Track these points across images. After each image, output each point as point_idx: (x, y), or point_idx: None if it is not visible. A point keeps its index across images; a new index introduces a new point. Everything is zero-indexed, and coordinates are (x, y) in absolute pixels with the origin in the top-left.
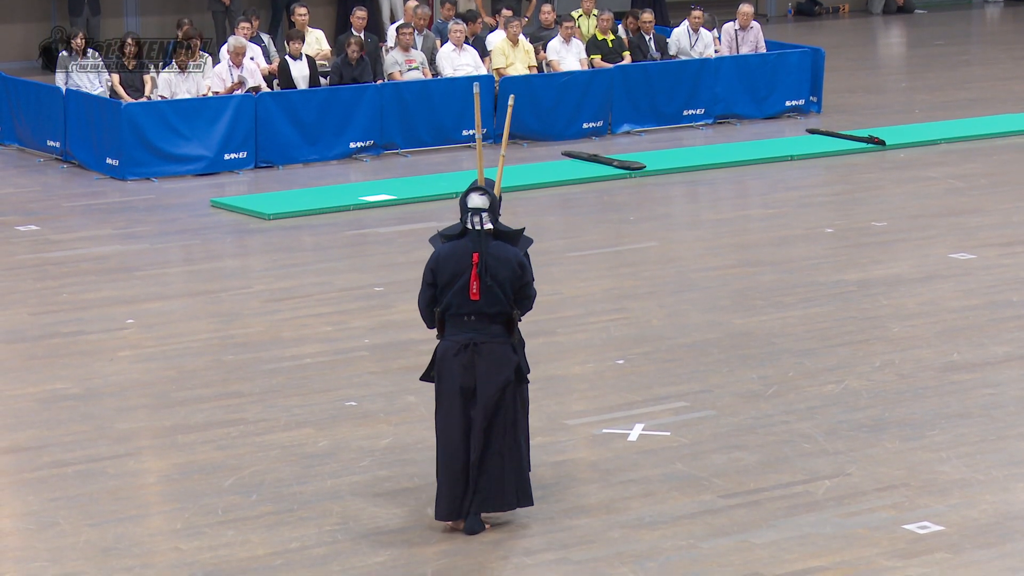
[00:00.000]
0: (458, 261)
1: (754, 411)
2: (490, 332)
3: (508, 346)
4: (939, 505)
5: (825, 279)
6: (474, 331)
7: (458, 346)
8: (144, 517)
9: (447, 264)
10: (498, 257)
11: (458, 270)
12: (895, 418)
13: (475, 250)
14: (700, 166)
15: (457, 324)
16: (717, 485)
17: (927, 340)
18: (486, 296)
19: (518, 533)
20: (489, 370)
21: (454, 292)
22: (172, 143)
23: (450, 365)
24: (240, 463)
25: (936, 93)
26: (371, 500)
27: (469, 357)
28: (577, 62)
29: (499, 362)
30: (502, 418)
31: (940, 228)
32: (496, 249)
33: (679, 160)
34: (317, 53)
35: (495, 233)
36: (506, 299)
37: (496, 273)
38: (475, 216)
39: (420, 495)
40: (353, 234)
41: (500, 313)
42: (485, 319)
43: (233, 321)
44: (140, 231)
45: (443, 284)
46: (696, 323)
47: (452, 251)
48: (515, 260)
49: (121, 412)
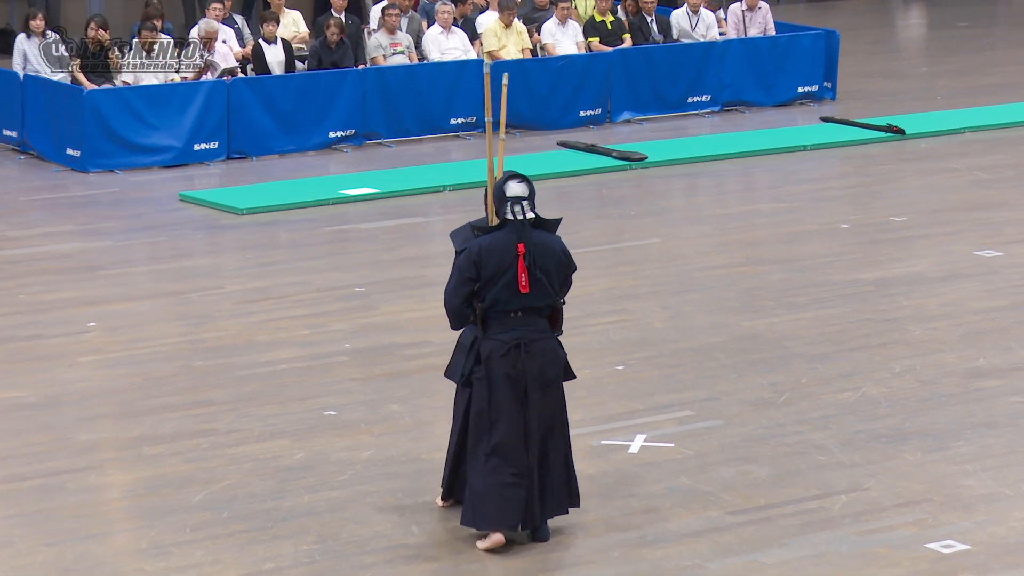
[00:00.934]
0: (502, 253)
1: (764, 420)
2: (537, 328)
3: (555, 341)
4: (964, 522)
5: (840, 278)
6: (521, 328)
7: (507, 346)
8: (107, 535)
9: (491, 257)
10: (543, 246)
11: (503, 263)
12: (916, 428)
13: (519, 240)
14: (705, 157)
15: (503, 321)
16: (725, 501)
17: (950, 344)
18: (535, 289)
19: (510, 553)
20: (542, 368)
21: (500, 287)
22: (138, 132)
23: (499, 366)
24: (211, 477)
25: (959, 78)
26: (352, 517)
27: (521, 356)
28: (574, 45)
29: (551, 360)
30: (560, 417)
31: (964, 223)
32: (540, 238)
33: (683, 151)
34: (294, 36)
35: (535, 222)
36: (553, 291)
37: (544, 264)
38: (516, 205)
39: (405, 512)
40: (333, 230)
41: (547, 306)
42: (532, 314)
43: (204, 324)
44: (103, 227)
45: (487, 279)
46: (701, 325)
47: (495, 243)
48: (559, 249)
49: (83, 422)
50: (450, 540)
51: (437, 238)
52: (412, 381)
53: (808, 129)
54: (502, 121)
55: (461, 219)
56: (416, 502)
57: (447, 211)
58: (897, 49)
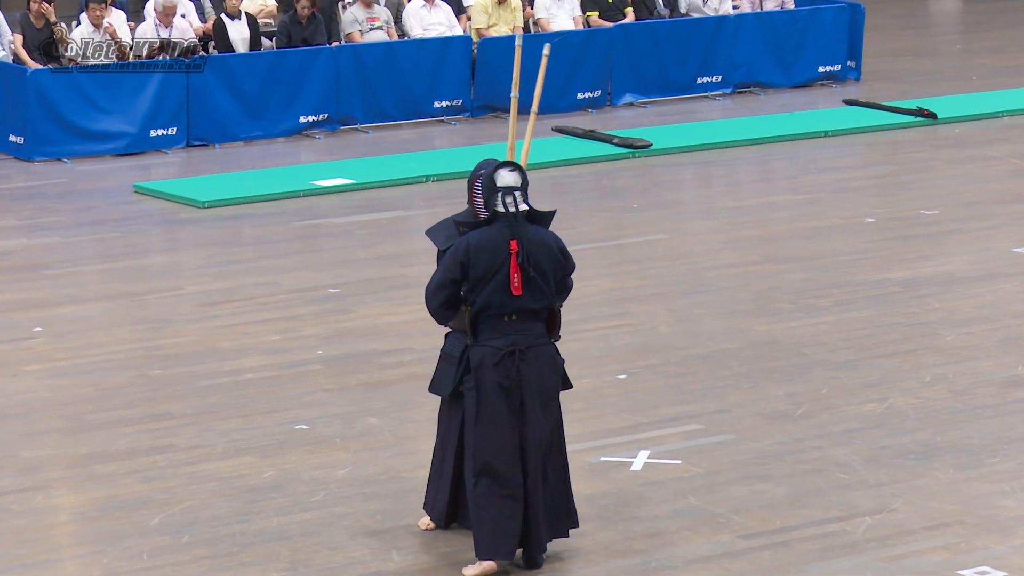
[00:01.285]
0: (493, 251)
1: (781, 435)
2: (533, 332)
3: (552, 347)
4: (1000, 546)
5: (865, 278)
6: (516, 333)
7: (500, 353)
8: (55, 562)
9: (480, 256)
10: (538, 243)
11: (494, 262)
12: (948, 443)
13: (512, 237)
14: (716, 144)
15: (496, 326)
16: (737, 523)
17: (986, 350)
18: (529, 289)
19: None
20: (540, 378)
21: (491, 289)
22: (88, 117)
23: (491, 375)
24: (169, 498)
25: (996, 56)
26: (326, 542)
27: (515, 365)
28: (571, 20)
29: (548, 368)
30: (558, 431)
31: (1001, 217)
32: (534, 234)
33: (691, 137)
34: (260, 10)
35: (529, 215)
36: (549, 291)
37: (539, 262)
38: (507, 196)
39: (385, 536)
40: (304, 225)
41: (544, 308)
42: (528, 317)
43: (161, 329)
44: (50, 221)
45: (476, 280)
46: (712, 330)
47: (484, 239)
48: (555, 245)
49: (27, 437)
50: (434, 567)
51: (419, 234)
52: (392, 392)
53: (830, 113)
54: (537, 93)
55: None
56: (396, 525)
57: (430, 204)
58: (928, 24)
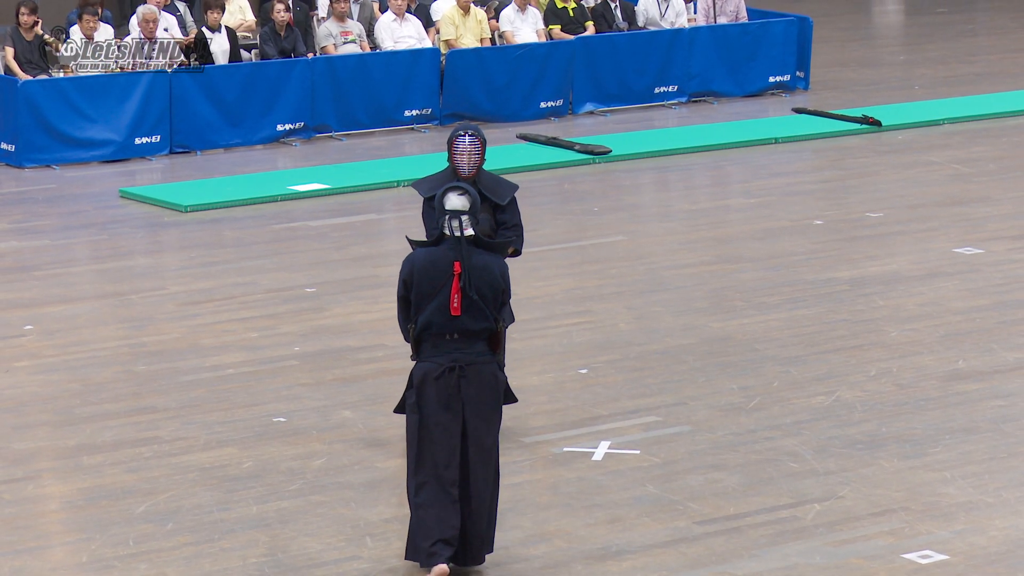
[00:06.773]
0: (436, 272)
1: (734, 426)
2: (474, 351)
3: (494, 365)
4: (943, 531)
5: (814, 277)
6: (457, 351)
7: (441, 368)
8: (44, 549)
9: (424, 275)
10: (481, 268)
11: (436, 282)
12: (893, 433)
13: (456, 259)
14: (673, 150)
15: (438, 344)
16: (693, 510)
17: (929, 345)
18: (470, 312)
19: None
20: (478, 395)
21: (433, 309)
22: (76, 125)
23: (432, 390)
24: (154, 487)
25: (938, 67)
26: (303, 529)
27: (454, 381)
28: (534, 33)
29: (487, 385)
30: (490, 451)
31: (943, 219)
32: (479, 258)
33: (649, 143)
34: (240, 24)
35: (475, 240)
36: (490, 314)
37: (480, 286)
38: (454, 220)
39: (359, 523)
40: (281, 228)
41: (484, 329)
42: (469, 336)
43: (145, 327)
44: (39, 225)
45: (418, 298)
46: (669, 327)
47: (429, 259)
48: (498, 271)
49: (18, 430)
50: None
51: (390, 236)
52: (365, 386)
53: (780, 121)
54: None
55: (415, 216)
56: (370, 513)
57: (401, 208)
58: (873, 36)
